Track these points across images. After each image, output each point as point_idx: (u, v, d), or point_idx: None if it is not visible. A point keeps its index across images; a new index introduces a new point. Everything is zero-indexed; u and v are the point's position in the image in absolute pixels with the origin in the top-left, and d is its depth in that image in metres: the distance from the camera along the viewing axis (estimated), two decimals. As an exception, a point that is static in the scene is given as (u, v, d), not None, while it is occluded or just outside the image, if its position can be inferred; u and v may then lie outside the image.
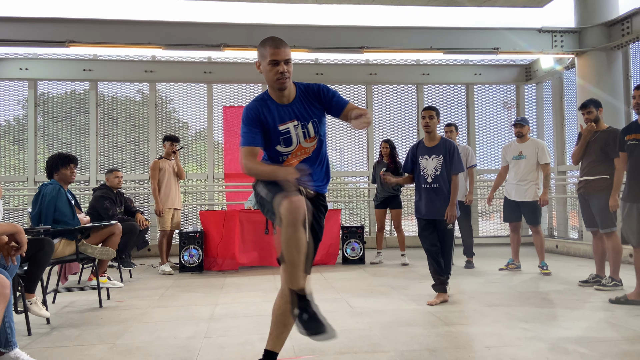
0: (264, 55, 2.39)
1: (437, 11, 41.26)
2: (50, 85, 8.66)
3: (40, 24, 6.92)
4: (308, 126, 2.45)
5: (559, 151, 8.76)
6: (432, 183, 4.28)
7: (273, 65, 2.35)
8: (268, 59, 2.36)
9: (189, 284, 5.47)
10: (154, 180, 6.35)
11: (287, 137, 2.43)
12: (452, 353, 2.83)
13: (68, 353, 3.01)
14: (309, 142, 2.46)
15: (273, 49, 2.36)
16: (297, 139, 2.43)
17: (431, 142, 4.36)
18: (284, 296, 2.32)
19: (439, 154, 4.29)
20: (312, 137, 2.46)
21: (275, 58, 2.35)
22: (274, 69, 2.35)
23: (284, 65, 2.35)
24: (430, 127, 4.31)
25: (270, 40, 2.41)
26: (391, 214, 6.88)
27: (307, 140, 2.45)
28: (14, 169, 8.55)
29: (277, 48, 2.36)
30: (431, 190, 4.29)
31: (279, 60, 2.35)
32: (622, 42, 7.19)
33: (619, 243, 4.65)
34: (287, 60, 2.37)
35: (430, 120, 4.31)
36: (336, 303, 4.26)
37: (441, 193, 4.26)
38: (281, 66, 2.35)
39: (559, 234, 8.73)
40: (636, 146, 4.11)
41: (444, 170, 4.26)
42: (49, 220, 4.25)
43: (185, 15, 44.82)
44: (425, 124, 4.34)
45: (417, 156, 4.41)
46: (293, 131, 2.43)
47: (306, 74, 9.04)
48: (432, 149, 4.32)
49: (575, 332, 3.20)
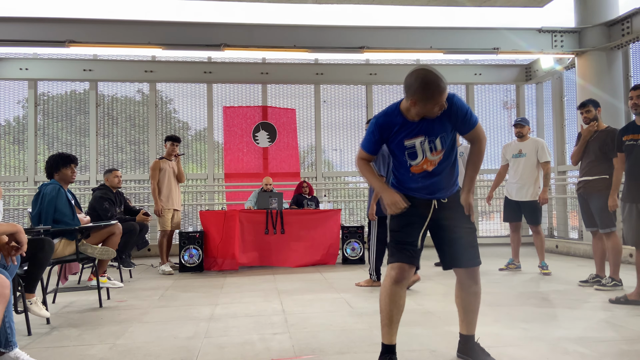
0: (423, 104, 2.39)
1: (437, 11, 41.23)
2: (50, 85, 8.66)
3: (40, 24, 6.93)
4: (435, 141, 2.51)
5: (559, 151, 8.76)
6: None
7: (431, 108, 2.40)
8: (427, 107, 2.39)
9: (189, 284, 5.47)
10: (154, 181, 6.35)
11: (412, 152, 2.52)
12: (452, 353, 2.83)
13: (68, 353, 3.01)
14: (436, 154, 2.52)
15: (432, 100, 2.37)
16: (422, 153, 2.52)
17: None
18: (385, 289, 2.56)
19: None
20: (439, 151, 2.52)
21: (433, 107, 2.40)
22: (431, 112, 2.41)
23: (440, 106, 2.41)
24: None
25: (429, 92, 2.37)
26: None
27: (434, 154, 2.52)
28: (14, 169, 8.55)
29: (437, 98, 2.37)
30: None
31: (437, 105, 2.39)
32: (622, 42, 7.19)
33: (618, 243, 4.65)
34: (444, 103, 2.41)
35: None
36: (336, 303, 4.26)
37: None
38: (437, 108, 2.41)
39: (559, 234, 8.73)
40: (634, 146, 4.11)
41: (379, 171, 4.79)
42: (49, 220, 4.25)
43: (185, 15, 44.81)
44: None
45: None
46: (419, 147, 2.51)
47: (306, 74, 9.05)
48: None
49: (575, 332, 3.20)
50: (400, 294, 2.52)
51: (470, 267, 2.59)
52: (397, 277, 2.51)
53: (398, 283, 2.52)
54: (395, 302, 2.51)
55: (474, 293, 2.63)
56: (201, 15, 43.52)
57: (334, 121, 9.31)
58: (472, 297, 2.64)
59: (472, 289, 2.62)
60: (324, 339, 3.16)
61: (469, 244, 2.59)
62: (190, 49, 7.63)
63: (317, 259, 6.64)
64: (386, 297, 2.53)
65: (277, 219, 6.56)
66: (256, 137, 8.84)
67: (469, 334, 2.70)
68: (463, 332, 2.72)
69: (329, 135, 9.29)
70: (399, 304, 2.53)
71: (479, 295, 2.65)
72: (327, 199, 8.09)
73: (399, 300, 2.52)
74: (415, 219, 2.57)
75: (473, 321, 2.68)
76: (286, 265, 6.49)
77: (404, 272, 2.53)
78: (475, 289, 2.63)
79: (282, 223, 6.56)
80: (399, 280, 2.52)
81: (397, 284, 2.51)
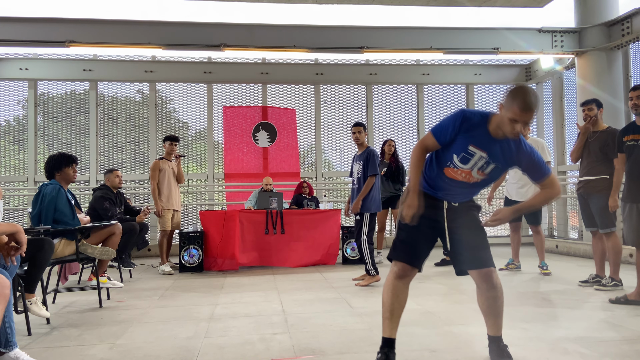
0: (510, 108, 2.38)
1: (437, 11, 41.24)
2: (50, 85, 8.66)
3: (40, 24, 6.93)
4: (490, 165, 2.52)
5: (559, 151, 8.76)
6: (356, 184, 5.29)
7: (513, 122, 2.37)
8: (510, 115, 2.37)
9: (189, 284, 5.47)
10: (154, 181, 6.35)
11: (467, 158, 2.51)
12: (452, 353, 2.83)
13: (68, 353, 3.01)
14: (479, 174, 2.54)
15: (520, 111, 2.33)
16: (473, 166, 2.52)
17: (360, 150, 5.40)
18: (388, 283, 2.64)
19: (361, 160, 5.26)
20: (484, 174, 2.54)
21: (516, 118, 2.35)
22: (512, 125, 2.38)
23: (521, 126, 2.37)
24: (359, 140, 5.35)
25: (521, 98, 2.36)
26: (392, 215, 6.87)
27: (479, 173, 2.54)
28: (14, 169, 8.55)
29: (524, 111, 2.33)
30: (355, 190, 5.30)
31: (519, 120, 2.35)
32: (622, 42, 7.19)
33: (618, 243, 4.64)
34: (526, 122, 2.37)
35: (360, 134, 5.33)
36: (336, 303, 4.26)
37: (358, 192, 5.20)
38: (519, 126, 2.37)
39: (559, 234, 8.73)
40: (634, 147, 4.11)
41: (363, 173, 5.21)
42: (49, 220, 4.25)
43: (185, 15, 44.77)
44: (355, 138, 5.36)
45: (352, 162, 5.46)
46: (476, 158, 2.51)
47: (306, 74, 9.05)
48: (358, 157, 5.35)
49: (575, 332, 3.20)
50: (402, 289, 2.60)
51: (481, 269, 2.55)
52: (399, 273, 2.59)
53: (401, 279, 2.59)
54: (397, 296, 2.59)
55: (492, 297, 2.57)
56: (201, 15, 43.54)
57: (334, 121, 9.32)
58: (491, 301, 2.58)
59: (490, 293, 2.57)
60: (324, 339, 3.16)
61: (479, 246, 2.57)
62: (190, 49, 7.63)
63: (317, 259, 6.64)
64: (389, 291, 2.61)
65: (277, 219, 6.56)
66: (256, 137, 8.85)
67: (494, 335, 2.65)
68: (489, 333, 2.68)
69: (329, 135, 9.30)
70: (401, 298, 2.60)
71: (498, 299, 2.57)
72: (327, 199, 8.09)
73: (400, 294, 2.60)
74: (424, 222, 2.57)
75: (495, 323, 2.63)
76: (286, 265, 6.49)
77: (406, 270, 2.59)
78: (493, 293, 2.56)
79: (282, 223, 6.56)
80: (402, 277, 2.59)
81: (400, 279, 2.59)
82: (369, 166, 5.17)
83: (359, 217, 5.22)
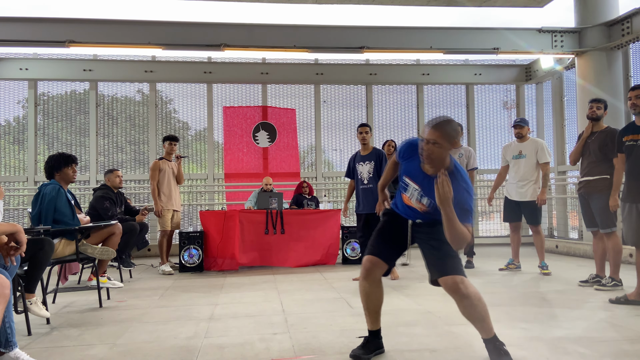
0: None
1: (437, 11, 41.24)
2: (50, 85, 8.66)
3: (40, 24, 6.93)
4: (424, 198, 2.65)
5: (559, 151, 8.77)
6: (368, 184, 5.49)
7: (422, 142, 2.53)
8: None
9: (189, 284, 5.47)
10: (154, 181, 6.35)
11: (405, 188, 2.75)
12: (452, 353, 2.83)
13: (68, 353, 3.01)
14: (419, 205, 2.67)
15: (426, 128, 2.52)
16: (411, 196, 2.71)
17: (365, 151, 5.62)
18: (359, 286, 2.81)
19: (371, 160, 5.51)
20: (424, 205, 2.65)
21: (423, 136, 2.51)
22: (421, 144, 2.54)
23: (426, 145, 2.47)
24: (366, 140, 5.58)
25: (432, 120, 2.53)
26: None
27: (418, 203, 2.68)
28: (14, 169, 8.55)
29: (428, 127, 2.51)
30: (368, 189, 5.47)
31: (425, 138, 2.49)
32: (622, 42, 7.20)
33: (619, 243, 4.64)
34: (430, 140, 2.46)
35: (367, 134, 5.57)
36: (336, 303, 4.25)
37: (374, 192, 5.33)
38: (422, 143, 2.50)
39: (559, 234, 8.73)
40: (634, 147, 4.11)
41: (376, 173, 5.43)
42: (49, 220, 4.25)
43: (185, 15, 44.79)
44: (362, 138, 5.57)
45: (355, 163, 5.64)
46: (411, 190, 2.70)
47: (306, 74, 9.05)
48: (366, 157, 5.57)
49: (575, 332, 3.20)
50: (371, 289, 2.74)
51: (445, 277, 2.54)
52: (364, 273, 2.74)
53: (367, 278, 2.73)
54: (368, 296, 2.74)
55: (468, 306, 2.51)
56: (201, 15, 43.53)
57: (334, 121, 9.31)
58: (469, 309, 2.52)
59: (463, 302, 2.51)
60: (324, 339, 3.16)
61: (443, 255, 2.58)
62: (190, 49, 7.64)
63: (317, 259, 6.64)
64: (360, 293, 2.79)
65: (277, 219, 6.56)
66: (256, 137, 8.85)
67: (487, 337, 2.61)
68: (482, 336, 2.65)
69: (329, 135, 9.30)
70: (372, 297, 2.75)
71: (475, 307, 2.51)
72: (327, 199, 8.09)
73: (371, 294, 2.74)
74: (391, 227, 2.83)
75: (482, 328, 2.59)
76: (286, 265, 6.49)
77: (372, 262, 2.72)
78: (467, 302, 2.50)
79: (282, 223, 6.56)
80: (368, 275, 2.72)
81: (366, 279, 2.73)
82: (382, 167, 5.37)
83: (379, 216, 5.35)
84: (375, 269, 2.71)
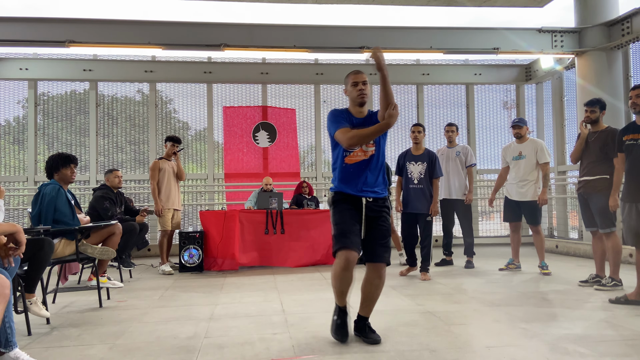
0: (348, 82, 3.18)
1: (437, 11, 41.25)
2: (50, 85, 8.66)
3: (40, 24, 6.93)
4: None
5: (559, 151, 8.76)
6: (418, 184, 5.51)
7: (354, 86, 3.14)
8: (351, 83, 3.16)
9: (189, 284, 5.47)
10: (154, 181, 6.35)
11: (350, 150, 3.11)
12: (452, 353, 2.83)
13: (68, 353, 3.01)
14: (369, 146, 3.10)
15: (354, 75, 3.16)
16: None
17: (417, 151, 5.65)
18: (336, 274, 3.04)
19: (423, 160, 5.54)
20: (372, 144, 3.10)
21: (355, 81, 3.14)
22: (355, 89, 3.14)
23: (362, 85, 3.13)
24: (418, 139, 5.63)
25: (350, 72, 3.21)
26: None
27: (368, 145, 3.09)
28: (14, 169, 8.55)
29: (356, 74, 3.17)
30: (418, 189, 5.51)
31: (358, 81, 3.14)
32: (622, 42, 7.20)
33: (618, 243, 4.64)
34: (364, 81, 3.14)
35: (419, 134, 5.64)
36: (336, 303, 4.25)
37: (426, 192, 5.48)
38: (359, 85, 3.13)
39: (559, 234, 8.73)
40: (634, 146, 4.11)
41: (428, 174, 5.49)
42: (49, 220, 4.25)
43: (185, 15, 44.80)
44: (414, 137, 5.63)
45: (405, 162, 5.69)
46: None
47: (306, 74, 9.05)
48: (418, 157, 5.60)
49: (575, 332, 3.20)
50: (348, 277, 2.99)
51: (377, 263, 3.07)
52: (344, 265, 2.94)
53: (346, 270, 2.95)
54: (347, 282, 3.00)
55: (376, 285, 3.10)
56: (201, 15, 43.54)
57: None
58: (374, 289, 3.10)
59: (375, 282, 3.09)
60: (324, 339, 3.16)
61: (380, 244, 3.08)
62: (190, 49, 7.63)
63: (317, 259, 6.64)
64: (336, 281, 3.01)
65: (277, 219, 6.56)
66: (256, 137, 8.85)
67: (365, 315, 3.15)
68: (361, 313, 3.16)
69: (328, 135, 9.27)
70: (349, 283, 3.02)
71: (380, 288, 3.12)
72: (327, 199, 8.09)
73: (348, 281, 3.00)
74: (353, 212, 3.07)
75: (371, 307, 3.15)
76: (286, 265, 6.49)
77: (349, 257, 2.94)
78: (377, 282, 3.10)
79: (282, 223, 6.56)
80: (347, 268, 2.95)
81: (346, 270, 2.95)
82: (435, 169, 5.50)
83: (430, 218, 5.51)
84: (354, 260, 2.99)
